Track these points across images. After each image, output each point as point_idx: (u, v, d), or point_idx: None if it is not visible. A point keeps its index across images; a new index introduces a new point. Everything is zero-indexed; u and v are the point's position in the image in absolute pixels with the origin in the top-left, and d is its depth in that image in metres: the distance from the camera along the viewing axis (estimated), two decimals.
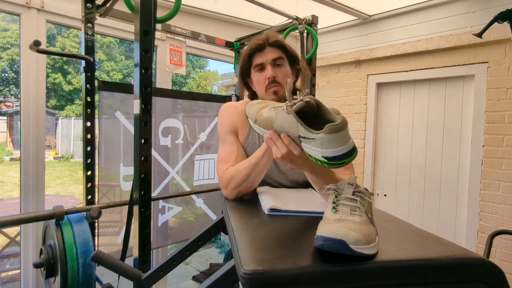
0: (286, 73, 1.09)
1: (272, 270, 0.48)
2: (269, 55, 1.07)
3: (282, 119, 0.70)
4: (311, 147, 0.63)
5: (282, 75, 1.07)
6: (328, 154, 0.60)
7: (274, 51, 1.07)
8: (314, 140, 0.61)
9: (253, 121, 0.80)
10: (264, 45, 1.07)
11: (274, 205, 0.78)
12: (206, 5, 2.64)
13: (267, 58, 1.07)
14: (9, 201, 4.56)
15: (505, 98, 2.26)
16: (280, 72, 1.07)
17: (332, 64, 3.23)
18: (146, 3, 1.15)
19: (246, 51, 1.11)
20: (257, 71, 1.09)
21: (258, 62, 1.08)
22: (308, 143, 0.63)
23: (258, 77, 1.09)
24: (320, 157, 0.62)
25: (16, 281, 3.02)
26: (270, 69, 1.06)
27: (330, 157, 0.60)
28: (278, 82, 1.06)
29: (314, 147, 0.62)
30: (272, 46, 1.07)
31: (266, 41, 1.07)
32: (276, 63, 1.07)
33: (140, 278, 1.09)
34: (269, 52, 1.07)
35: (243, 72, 1.15)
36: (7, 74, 15.93)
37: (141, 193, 1.20)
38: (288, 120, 0.68)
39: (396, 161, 2.91)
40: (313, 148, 0.62)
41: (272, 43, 1.07)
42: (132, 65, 6.94)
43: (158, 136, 2.15)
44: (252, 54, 1.10)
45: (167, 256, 1.34)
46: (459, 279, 0.53)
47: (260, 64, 1.08)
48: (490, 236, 2.00)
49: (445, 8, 2.50)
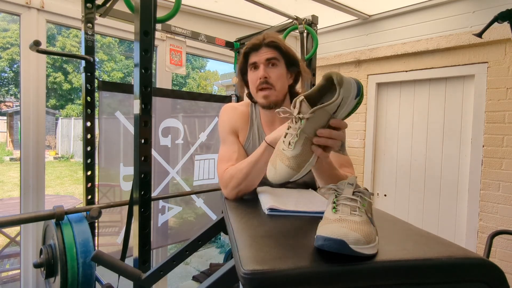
0: (280, 74, 1.07)
1: (272, 270, 0.48)
2: (264, 55, 1.06)
3: (310, 126, 0.68)
4: (344, 107, 0.69)
5: (275, 76, 1.05)
6: (355, 93, 0.70)
7: (269, 51, 1.06)
8: (340, 100, 0.68)
9: (294, 168, 0.69)
10: (260, 45, 1.07)
11: (273, 205, 0.78)
12: (206, 5, 2.64)
13: (260, 58, 1.06)
14: (9, 201, 4.55)
15: (505, 98, 2.26)
16: (273, 73, 1.06)
17: (332, 64, 3.23)
18: (146, 3, 1.15)
19: (243, 50, 1.11)
20: (251, 70, 1.09)
21: (252, 61, 1.08)
22: (340, 109, 0.69)
23: (251, 76, 1.09)
24: (354, 102, 0.70)
25: (16, 281, 3.02)
26: (262, 69, 1.05)
27: (356, 93, 0.70)
28: (270, 83, 1.05)
29: (346, 104, 0.69)
30: (267, 46, 1.06)
31: (263, 41, 1.07)
32: (270, 63, 1.06)
33: (140, 278, 1.09)
34: (264, 52, 1.06)
35: (241, 70, 1.15)
36: (6, 74, 15.93)
37: (141, 193, 1.20)
38: (315, 120, 0.68)
39: (396, 161, 2.91)
40: (346, 105, 0.69)
41: (268, 43, 1.06)
42: (132, 65, 6.95)
43: (158, 136, 2.15)
44: (248, 53, 1.09)
45: (167, 256, 1.34)
46: (459, 279, 0.53)
47: (254, 63, 1.07)
48: (490, 236, 2.00)
49: (445, 8, 2.50)
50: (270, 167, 0.72)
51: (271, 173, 0.71)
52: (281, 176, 0.69)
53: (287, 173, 0.68)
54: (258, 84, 1.05)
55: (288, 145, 0.69)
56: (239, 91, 1.20)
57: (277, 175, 0.70)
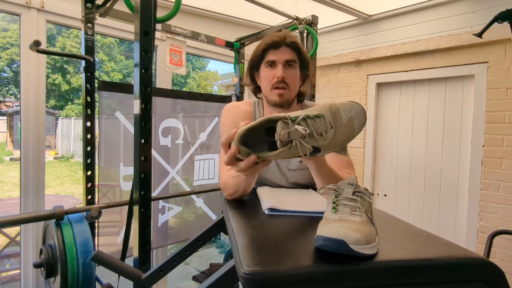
0: (296, 76, 1.08)
1: (272, 270, 0.48)
2: (284, 54, 1.05)
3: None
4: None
5: (291, 77, 1.06)
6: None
7: (289, 52, 1.05)
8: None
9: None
10: (280, 43, 1.05)
11: (273, 205, 0.78)
12: (206, 5, 2.64)
13: (280, 57, 1.05)
14: (9, 201, 4.56)
15: (505, 98, 2.26)
16: (290, 74, 1.06)
17: (332, 64, 3.23)
18: (146, 3, 1.15)
19: (261, 45, 1.08)
20: (267, 67, 1.07)
21: (270, 58, 1.06)
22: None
23: (267, 73, 1.07)
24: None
25: (16, 281, 3.02)
26: (281, 68, 1.04)
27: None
28: (286, 83, 1.05)
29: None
30: (288, 47, 1.05)
31: (283, 40, 1.05)
32: (288, 64, 1.06)
33: (140, 278, 1.09)
34: (284, 52, 1.05)
35: (253, 65, 1.13)
36: (6, 74, 15.93)
37: (141, 193, 1.21)
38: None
39: (396, 161, 2.91)
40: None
41: (289, 43, 1.05)
42: (132, 65, 6.95)
43: (158, 136, 2.15)
44: (266, 50, 1.07)
45: (167, 256, 1.34)
46: (459, 279, 0.53)
47: (272, 61, 1.06)
48: (490, 236, 2.00)
49: (445, 8, 2.50)
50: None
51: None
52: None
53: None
54: (275, 83, 1.05)
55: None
56: (246, 82, 1.18)
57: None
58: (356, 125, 0.65)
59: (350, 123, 0.64)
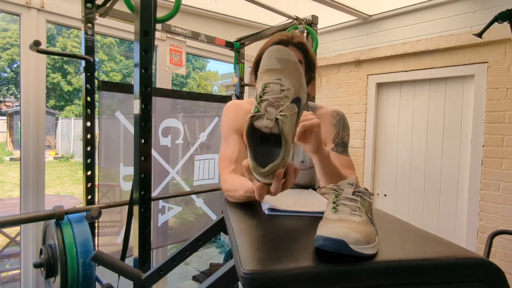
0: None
1: (272, 270, 0.48)
2: None
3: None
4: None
5: None
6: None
7: (296, 52, 1.04)
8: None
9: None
10: (287, 43, 1.04)
11: (273, 205, 0.78)
12: (206, 5, 2.64)
13: None
14: (9, 201, 4.56)
15: (505, 98, 2.26)
16: None
17: (332, 64, 3.23)
18: (146, 3, 1.15)
19: (268, 43, 1.06)
20: None
21: None
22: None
23: None
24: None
25: (16, 281, 3.02)
26: None
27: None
28: None
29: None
30: (295, 47, 1.04)
31: (291, 40, 1.04)
32: None
33: (140, 278, 1.09)
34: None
35: (258, 62, 1.12)
36: (6, 74, 15.93)
37: (141, 193, 1.21)
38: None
39: (396, 161, 2.91)
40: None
41: (297, 43, 1.04)
42: (132, 65, 6.95)
43: (158, 136, 2.15)
44: None
45: (167, 256, 1.34)
46: (459, 279, 0.52)
47: None
48: (490, 236, 2.00)
49: (445, 8, 2.50)
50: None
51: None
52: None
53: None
54: None
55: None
56: (253, 80, 1.17)
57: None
58: (285, 57, 0.66)
59: (284, 63, 0.65)
